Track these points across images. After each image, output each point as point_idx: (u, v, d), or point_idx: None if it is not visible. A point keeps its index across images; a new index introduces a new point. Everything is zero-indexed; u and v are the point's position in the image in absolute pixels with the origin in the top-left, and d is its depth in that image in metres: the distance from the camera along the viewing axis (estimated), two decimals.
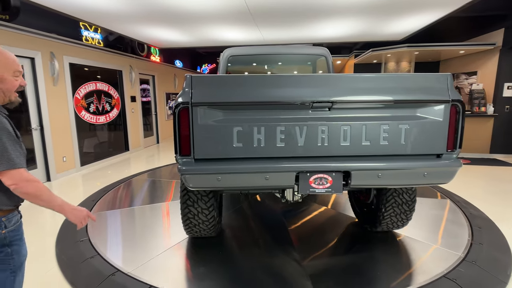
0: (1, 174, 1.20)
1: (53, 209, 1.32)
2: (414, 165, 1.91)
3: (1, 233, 1.23)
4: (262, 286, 2.17)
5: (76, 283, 2.19)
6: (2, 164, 1.18)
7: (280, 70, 4.23)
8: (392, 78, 1.96)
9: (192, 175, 1.87)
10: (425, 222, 3.24)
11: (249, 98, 1.87)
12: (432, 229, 3.08)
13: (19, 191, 1.23)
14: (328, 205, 3.70)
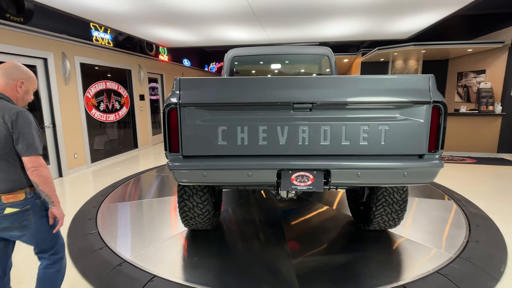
0: (26, 158, 1.50)
1: (51, 197, 1.59)
2: (393, 165, 1.95)
3: (40, 200, 1.63)
4: (248, 279, 2.26)
5: (86, 272, 2.34)
6: (29, 150, 1.50)
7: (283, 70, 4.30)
8: (373, 80, 1.99)
9: (180, 171, 2.01)
10: (422, 220, 3.27)
11: (233, 99, 1.98)
12: (428, 228, 3.09)
13: (36, 173, 1.51)
14: (333, 206, 3.71)
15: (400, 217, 2.66)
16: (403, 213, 2.63)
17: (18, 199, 1.54)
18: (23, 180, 1.56)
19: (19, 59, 4.49)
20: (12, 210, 1.52)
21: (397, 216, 2.64)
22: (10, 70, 1.60)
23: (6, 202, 1.52)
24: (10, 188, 1.53)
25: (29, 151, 1.50)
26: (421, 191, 4.25)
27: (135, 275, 2.27)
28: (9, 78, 1.58)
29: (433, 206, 3.67)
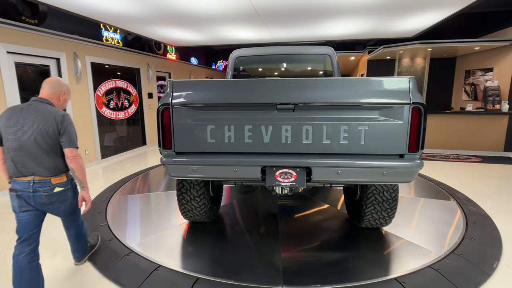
0: (68, 150, 1.97)
1: (83, 183, 2.06)
2: (372, 164, 2.01)
3: (73, 182, 2.14)
4: (236, 268, 2.39)
5: (96, 262, 2.50)
6: (70, 144, 1.97)
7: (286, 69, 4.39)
8: (354, 82, 2.05)
9: (171, 166, 2.18)
10: (419, 219, 3.33)
11: (220, 100, 2.11)
12: (423, 226, 3.13)
13: (74, 161, 1.98)
14: (336, 205, 3.75)
15: (391, 215, 2.71)
16: (393, 211, 2.68)
17: (63, 180, 2.05)
18: (64, 167, 2.04)
19: (34, 59, 4.71)
20: (59, 189, 2.03)
21: (387, 215, 2.69)
22: (55, 83, 2.11)
23: (55, 183, 2.01)
24: (57, 173, 2.01)
25: (70, 144, 1.97)
26: (421, 190, 4.30)
27: (142, 264, 2.42)
28: (55, 89, 2.09)
29: (432, 205, 3.72)
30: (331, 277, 2.27)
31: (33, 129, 1.90)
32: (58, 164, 2.00)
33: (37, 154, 1.93)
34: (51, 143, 1.95)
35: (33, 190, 1.93)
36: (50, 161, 1.96)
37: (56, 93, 2.09)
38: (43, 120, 1.92)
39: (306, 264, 2.45)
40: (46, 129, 1.92)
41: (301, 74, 4.38)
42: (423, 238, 2.85)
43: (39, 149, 1.93)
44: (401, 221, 3.19)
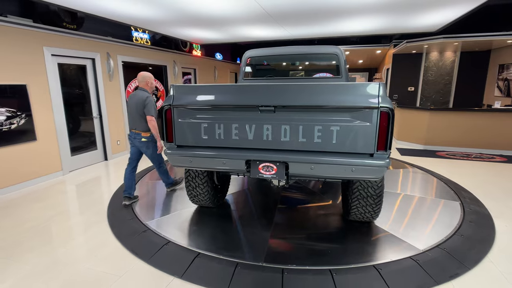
0: (148, 116, 3.47)
1: (156, 136, 3.59)
2: (341, 161, 2.21)
3: (153, 137, 3.60)
4: (228, 246, 2.73)
5: (119, 236, 2.99)
6: (148, 112, 3.47)
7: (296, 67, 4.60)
8: (327, 87, 2.22)
9: (172, 156, 2.58)
10: (414, 216, 3.43)
11: (211, 102, 2.43)
12: (416, 223, 3.18)
13: (150, 123, 3.48)
14: (337, 200, 3.90)
15: (376, 210, 2.87)
16: (378, 207, 2.84)
17: (148, 134, 3.56)
18: (147, 127, 3.52)
19: (73, 60, 5.35)
20: (144, 139, 3.57)
21: (372, 209, 2.86)
22: (141, 77, 3.63)
23: (143, 136, 3.56)
24: (144, 130, 3.55)
25: (148, 113, 3.46)
26: (426, 188, 4.34)
27: (155, 239, 2.86)
28: (143, 80, 3.63)
29: (432, 204, 3.78)
30: (308, 260, 2.53)
31: (134, 103, 3.50)
32: (145, 125, 3.51)
33: (136, 118, 3.52)
34: (141, 112, 3.47)
35: (133, 137, 3.61)
36: (141, 122, 3.51)
37: (144, 82, 3.62)
38: (138, 99, 3.49)
39: (289, 249, 2.73)
40: (138, 104, 3.46)
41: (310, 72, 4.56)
42: (412, 235, 2.93)
43: (137, 115, 3.50)
44: (395, 217, 3.33)
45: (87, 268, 2.46)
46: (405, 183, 4.54)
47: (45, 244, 2.84)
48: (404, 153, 6.67)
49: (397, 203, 3.74)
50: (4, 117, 4.18)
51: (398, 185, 4.42)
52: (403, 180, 4.68)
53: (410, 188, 4.34)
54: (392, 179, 4.72)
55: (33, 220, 3.35)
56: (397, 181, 4.61)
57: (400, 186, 4.41)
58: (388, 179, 4.71)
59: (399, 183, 4.52)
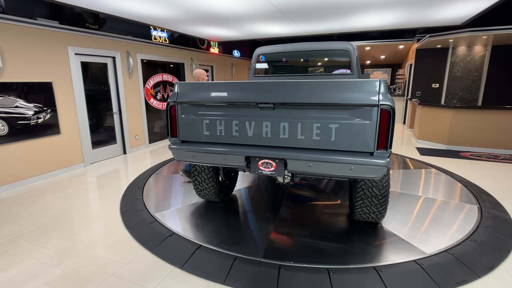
0: None
1: None
2: (340, 159, 2.16)
3: None
4: (230, 240, 2.78)
5: (128, 225, 3.14)
6: None
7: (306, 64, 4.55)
8: (326, 84, 2.17)
9: (176, 151, 2.66)
10: (424, 218, 3.30)
11: (213, 99, 2.46)
12: (426, 226, 3.08)
13: None
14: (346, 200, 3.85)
15: (381, 210, 2.79)
16: (383, 207, 2.76)
17: None
18: None
19: (95, 58, 5.62)
20: None
21: (377, 210, 2.79)
22: (197, 73, 4.01)
23: None
24: None
25: None
26: (442, 190, 4.16)
27: (160, 230, 2.98)
28: (196, 76, 4.03)
29: (447, 206, 3.62)
30: (307, 257, 2.51)
31: None
32: None
33: None
34: None
35: None
36: None
37: (196, 78, 4.03)
38: None
39: (288, 246, 2.72)
40: None
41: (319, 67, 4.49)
42: (419, 237, 2.83)
43: None
44: (403, 219, 3.22)
45: (96, 254, 2.61)
46: (416, 184, 4.37)
47: (63, 230, 3.05)
48: (425, 152, 6.40)
49: (403, 204, 3.61)
50: (32, 112, 4.50)
51: (398, 185, 4.26)
52: (413, 180, 4.51)
53: (421, 189, 4.17)
54: (397, 179, 4.56)
55: (54, 208, 3.60)
56: (403, 181, 4.45)
57: (408, 186, 4.25)
58: (399, 179, 4.55)
59: (398, 183, 4.36)
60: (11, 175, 4.31)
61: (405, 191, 4.03)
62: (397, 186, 4.24)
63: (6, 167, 4.24)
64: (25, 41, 4.39)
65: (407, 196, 3.88)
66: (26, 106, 4.40)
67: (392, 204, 3.59)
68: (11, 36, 4.20)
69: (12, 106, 4.22)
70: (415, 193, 3.98)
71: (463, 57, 8.66)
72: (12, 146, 4.29)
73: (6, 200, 3.91)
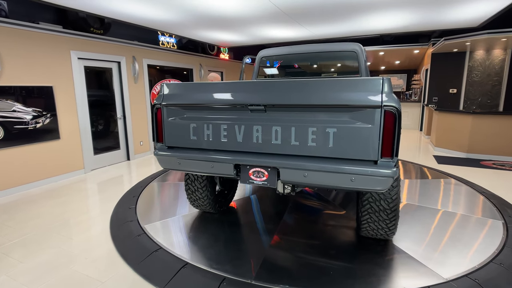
0: None
1: None
2: (339, 168, 1.88)
3: None
4: (221, 257, 2.53)
5: (115, 238, 2.94)
6: None
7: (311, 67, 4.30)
8: (322, 83, 1.92)
9: (161, 157, 2.43)
10: (441, 236, 2.94)
11: (200, 101, 2.24)
12: (443, 244, 2.74)
13: None
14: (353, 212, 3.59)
15: (390, 227, 2.48)
16: (392, 223, 2.45)
17: None
18: None
19: (99, 63, 5.57)
20: None
21: (386, 226, 2.47)
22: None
23: None
24: None
25: None
26: (462, 203, 3.76)
27: (147, 245, 2.75)
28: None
29: (468, 222, 3.23)
30: (304, 281, 2.21)
31: None
32: None
33: None
34: None
35: None
36: None
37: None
38: None
39: (286, 264, 2.43)
40: None
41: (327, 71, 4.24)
42: (436, 258, 2.49)
43: None
44: (418, 237, 2.88)
45: (73, 271, 2.41)
46: (434, 195, 3.98)
47: (45, 242, 2.88)
48: (443, 161, 5.96)
49: (420, 219, 3.25)
50: (31, 116, 4.44)
51: (415, 197, 3.89)
52: (431, 192, 4.12)
53: (440, 201, 3.78)
54: (415, 190, 4.18)
55: (43, 217, 3.45)
56: (421, 193, 4.07)
57: (426, 199, 3.87)
58: (417, 190, 4.18)
59: (416, 195, 3.98)
60: (5, 182, 4.23)
61: (423, 204, 3.66)
62: (415, 198, 3.87)
63: (0, 173, 4.17)
64: (26, 45, 4.36)
65: (424, 209, 3.51)
66: (24, 111, 4.34)
67: (407, 218, 3.25)
68: (11, 39, 4.18)
69: (9, 110, 4.17)
70: (434, 206, 3.61)
71: (482, 61, 8.18)
72: (8, 151, 4.22)
73: (1, 207, 3.81)
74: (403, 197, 3.89)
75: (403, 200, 3.77)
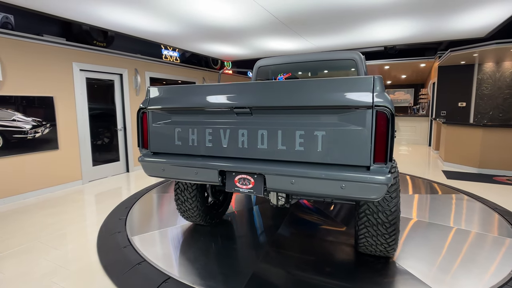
0: None
1: None
2: (328, 174, 1.73)
3: None
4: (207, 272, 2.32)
5: (100, 249, 2.81)
6: None
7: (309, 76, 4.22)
8: (308, 83, 1.81)
9: (145, 164, 2.31)
10: (451, 255, 2.71)
11: (184, 104, 2.15)
12: (455, 265, 2.52)
13: None
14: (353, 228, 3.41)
15: (390, 242, 2.27)
16: (392, 238, 2.25)
17: None
18: None
19: (101, 75, 5.64)
20: None
21: (384, 241, 2.27)
22: None
23: None
24: None
25: None
26: (476, 221, 3.50)
27: (131, 257, 2.61)
28: None
29: (482, 241, 2.98)
30: None
31: None
32: None
33: None
34: None
35: None
36: None
37: None
38: None
39: (275, 281, 2.24)
40: None
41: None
42: (443, 280, 2.27)
43: None
44: (424, 255, 2.65)
45: (52, 283, 2.28)
46: (445, 212, 3.73)
47: (29, 252, 2.77)
48: (452, 176, 5.68)
49: (431, 237, 3.02)
50: (30, 126, 4.45)
51: (426, 213, 3.64)
52: (442, 208, 3.87)
53: (453, 219, 3.53)
54: (425, 206, 3.93)
55: (32, 227, 3.36)
56: (431, 209, 3.82)
57: (437, 215, 3.63)
58: (427, 206, 3.94)
59: (426, 211, 3.73)
60: (2, 190, 4.19)
61: (434, 221, 3.41)
62: (425, 214, 3.62)
63: None
64: (29, 56, 4.44)
65: (436, 227, 3.25)
66: (23, 120, 4.36)
67: (417, 236, 3.01)
68: (15, 51, 4.26)
69: (9, 119, 4.19)
70: (446, 223, 3.35)
71: (491, 74, 7.98)
72: (6, 160, 4.21)
73: None
74: (413, 213, 3.65)
75: (414, 217, 3.53)
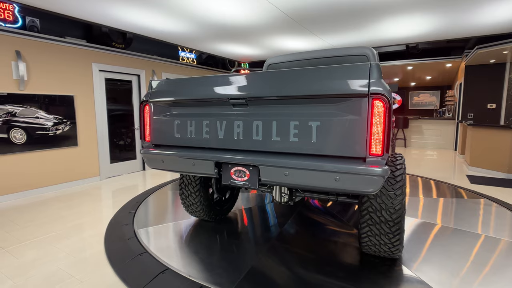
0: None
1: None
2: (321, 166, 1.66)
3: None
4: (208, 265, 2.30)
5: (107, 240, 2.89)
6: None
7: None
8: (302, 72, 1.75)
9: (146, 156, 2.34)
10: (463, 259, 2.51)
11: (181, 96, 2.16)
12: (467, 270, 2.35)
13: None
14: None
15: (394, 242, 2.15)
16: (396, 237, 2.13)
17: None
18: None
19: (120, 76, 5.86)
20: None
21: (388, 241, 2.15)
22: None
23: None
24: None
25: None
26: (492, 224, 3.25)
27: (134, 247, 2.65)
28: None
29: (496, 244, 2.76)
30: None
31: None
32: None
33: None
34: None
35: None
36: None
37: None
38: None
39: (273, 278, 2.18)
40: None
41: None
42: (450, 284, 2.12)
43: None
44: (434, 257, 2.49)
45: (58, 268, 2.36)
46: (471, 218, 3.49)
47: (40, 240, 2.89)
48: (477, 181, 5.33)
49: (457, 244, 2.83)
50: (52, 123, 4.70)
51: (451, 219, 3.41)
52: (467, 214, 3.62)
53: (481, 225, 3.30)
54: (450, 211, 3.70)
55: (44, 218, 3.52)
56: (456, 215, 3.58)
57: (463, 222, 3.39)
58: (452, 211, 3.71)
59: (452, 217, 3.49)
60: (24, 184, 4.44)
61: (460, 227, 3.17)
62: (450, 220, 3.39)
63: (20, 175, 4.39)
64: (52, 57, 4.70)
65: (462, 233, 3.02)
66: (46, 117, 4.61)
67: (442, 245, 2.80)
68: (39, 52, 4.53)
69: (32, 116, 4.45)
70: (473, 230, 3.10)
71: None
72: (28, 155, 4.46)
73: (15, 207, 3.98)
74: (437, 219, 3.42)
75: (438, 222, 3.31)
